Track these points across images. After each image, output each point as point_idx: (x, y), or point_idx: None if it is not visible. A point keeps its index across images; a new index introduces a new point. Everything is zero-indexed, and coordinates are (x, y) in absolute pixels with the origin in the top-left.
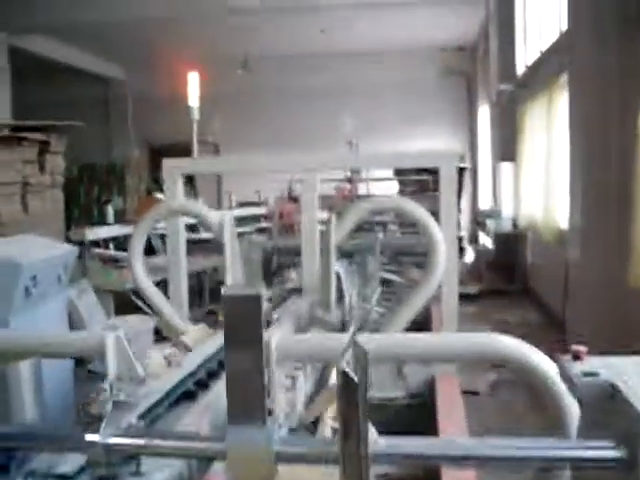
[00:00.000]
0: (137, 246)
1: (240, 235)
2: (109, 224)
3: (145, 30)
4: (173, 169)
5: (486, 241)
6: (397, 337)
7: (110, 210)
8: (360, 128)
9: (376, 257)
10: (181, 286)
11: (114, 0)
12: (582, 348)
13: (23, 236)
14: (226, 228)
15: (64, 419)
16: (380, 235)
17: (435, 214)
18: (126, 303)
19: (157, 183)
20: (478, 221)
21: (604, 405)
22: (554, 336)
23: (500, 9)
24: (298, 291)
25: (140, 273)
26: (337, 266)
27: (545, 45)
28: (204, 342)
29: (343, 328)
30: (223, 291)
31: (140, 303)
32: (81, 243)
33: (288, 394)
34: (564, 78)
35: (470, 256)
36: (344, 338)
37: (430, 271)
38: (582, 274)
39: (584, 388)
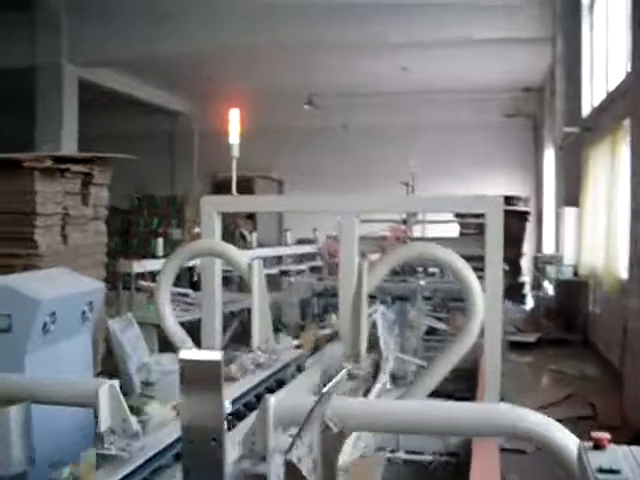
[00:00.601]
0: (163, 286)
1: (295, 273)
2: (158, 257)
3: (212, 64)
4: (210, 207)
5: (548, 287)
6: (400, 406)
7: (160, 242)
8: (423, 169)
9: (417, 303)
10: (215, 326)
11: (183, 34)
12: (605, 436)
13: (51, 270)
14: (254, 270)
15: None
16: (422, 282)
17: None
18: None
19: None
20: (538, 267)
21: None
22: (610, 392)
23: (567, 49)
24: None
25: (166, 313)
26: (375, 313)
27: (611, 86)
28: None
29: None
30: (181, 354)
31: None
32: (128, 275)
33: None
34: (627, 122)
35: (530, 303)
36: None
37: (468, 324)
38: None
39: None
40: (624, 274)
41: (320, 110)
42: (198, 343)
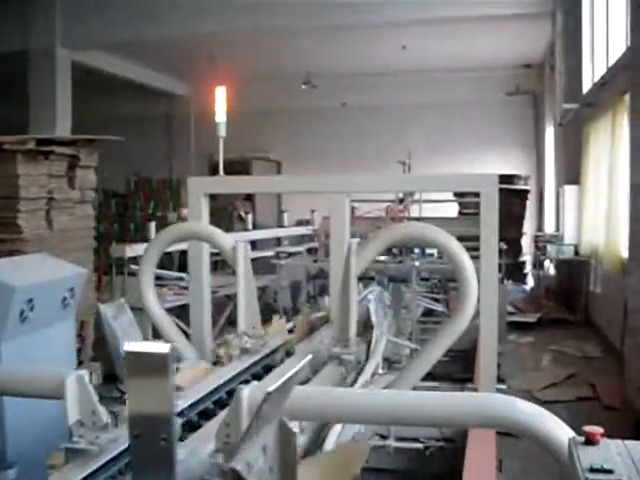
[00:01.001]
0: (146, 270)
1: (290, 255)
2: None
3: (208, 46)
4: (197, 188)
5: (549, 267)
6: (374, 396)
7: (152, 226)
8: (424, 148)
9: (412, 285)
10: (203, 311)
11: (176, 16)
12: (597, 430)
13: (30, 255)
14: (239, 253)
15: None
16: (416, 262)
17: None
18: None
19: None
20: (539, 246)
21: None
22: (611, 372)
23: (567, 24)
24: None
25: (150, 299)
26: (369, 295)
27: (612, 61)
28: (197, 383)
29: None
30: (125, 346)
31: (181, 324)
32: (121, 259)
33: None
34: (628, 97)
35: (531, 282)
36: (334, 392)
37: (461, 306)
38: None
39: None
40: (625, 253)
41: (318, 90)
42: None
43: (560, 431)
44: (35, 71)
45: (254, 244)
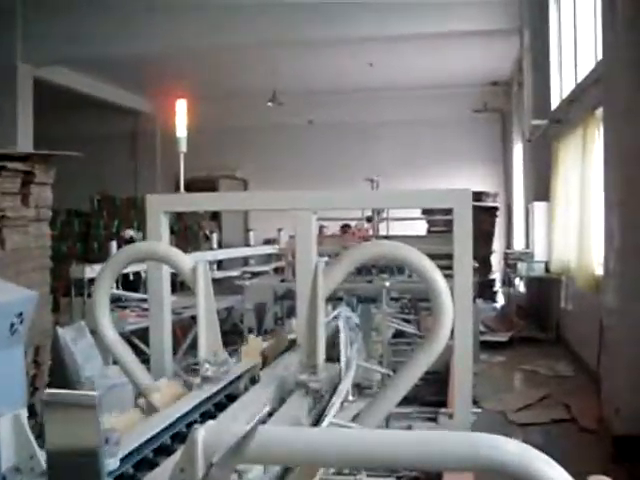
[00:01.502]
0: (101, 295)
1: (256, 275)
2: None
3: (174, 63)
4: (155, 205)
5: (519, 284)
6: (351, 436)
7: (114, 245)
8: (391, 165)
9: (382, 306)
10: (163, 334)
11: (142, 33)
12: None
13: None
14: (199, 273)
15: None
16: (387, 282)
17: None
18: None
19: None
20: (508, 264)
21: None
22: (585, 392)
23: (534, 40)
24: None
25: (104, 322)
26: (338, 317)
27: (580, 76)
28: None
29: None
30: (45, 395)
31: (143, 346)
32: (81, 281)
33: None
34: (600, 112)
35: (501, 300)
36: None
37: (436, 328)
38: (618, 324)
39: None
40: (598, 270)
41: (285, 107)
42: None
43: (559, 477)
44: None
45: (220, 264)
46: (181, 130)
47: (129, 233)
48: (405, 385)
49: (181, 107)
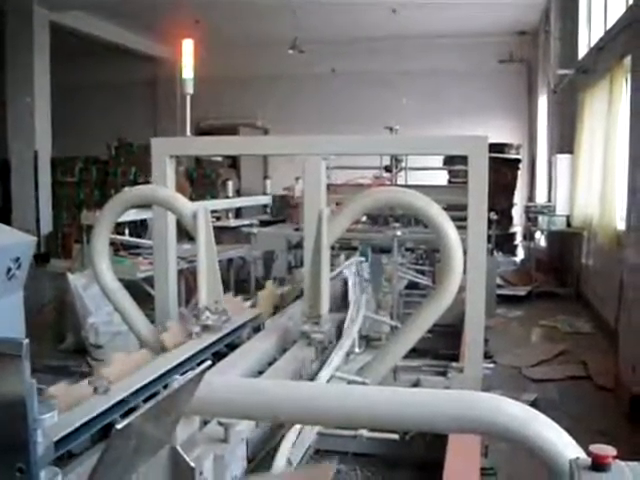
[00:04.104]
0: (99, 241)
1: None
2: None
3: (193, 9)
4: (161, 149)
5: (540, 238)
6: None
7: None
8: (413, 116)
9: (394, 256)
10: (168, 281)
11: None
12: (607, 451)
13: None
14: (199, 220)
15: None
16: (398, 232)
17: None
18: (140, 293)
19: (199, 166)
20: (530, 217)
21: None
22: (603, 350)
23: None
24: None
25: (103, 272)
26: (348, 267)
27: (609, 23)
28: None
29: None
30: None
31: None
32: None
33: (217, 448)
34: (628, 60)
35: (521, 254)
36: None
37: (445, 280)
38: (638, 281)
39: None
40: (621, 225)
41: (306, 55)
42: None
43: (558, 441)
44: (11, 32)
45: (239, 212)
46: (187, 72)
47: None
48: (412, 338)
49: (187, 47)
